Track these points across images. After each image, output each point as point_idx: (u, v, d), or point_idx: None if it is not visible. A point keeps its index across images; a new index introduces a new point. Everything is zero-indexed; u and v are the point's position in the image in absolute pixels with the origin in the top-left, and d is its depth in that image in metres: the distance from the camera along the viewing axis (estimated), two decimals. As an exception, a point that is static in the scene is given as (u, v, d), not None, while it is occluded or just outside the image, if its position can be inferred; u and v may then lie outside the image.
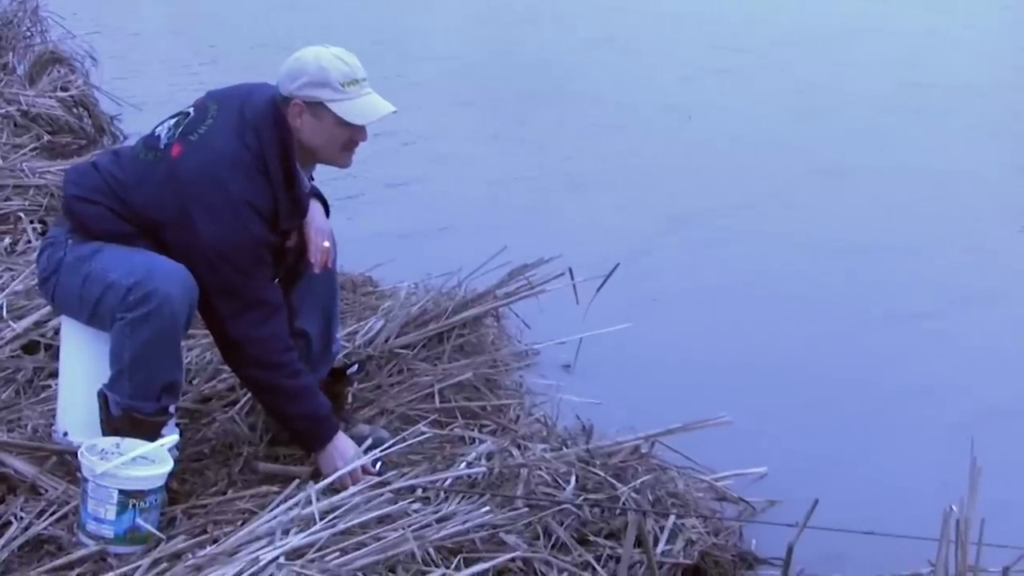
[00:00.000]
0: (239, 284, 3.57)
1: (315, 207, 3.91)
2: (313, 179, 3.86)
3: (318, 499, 3.37)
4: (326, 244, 3.89)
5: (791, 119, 11.00)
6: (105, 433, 3.59)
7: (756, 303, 6.37)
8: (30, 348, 4.55)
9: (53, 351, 4.36)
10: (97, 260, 3.58)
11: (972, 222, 8.06)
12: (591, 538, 3.59)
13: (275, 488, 3.64)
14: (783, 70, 13.46)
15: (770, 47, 15.03)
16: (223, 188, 3.50)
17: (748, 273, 6.80)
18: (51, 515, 3.47)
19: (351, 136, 3.64)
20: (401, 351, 4.71)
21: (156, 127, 3.69)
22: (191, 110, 3.67)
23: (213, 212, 3.50)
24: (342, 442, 3.77)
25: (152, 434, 3.55)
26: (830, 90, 12.39)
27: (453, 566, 3.29)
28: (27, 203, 6.17)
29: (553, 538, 3.52)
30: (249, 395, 4.13)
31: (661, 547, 3.63)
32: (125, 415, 3.58)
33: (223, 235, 3.50)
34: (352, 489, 3.49)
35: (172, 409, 3.70)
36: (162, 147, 3.60)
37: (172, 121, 3.67)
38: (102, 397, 3.61)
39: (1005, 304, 6.57)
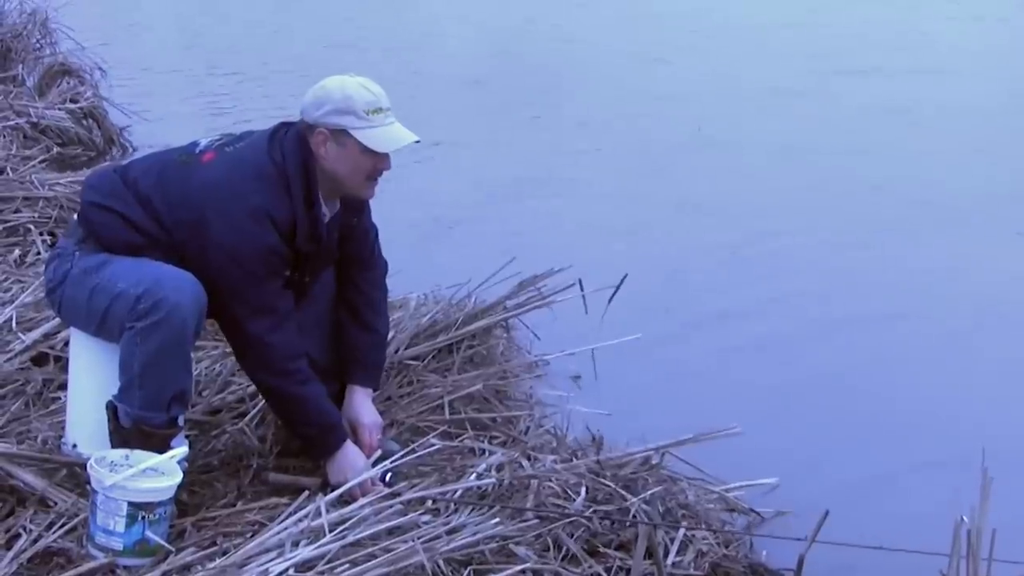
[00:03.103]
0: (250, 288, 3.59)
1: (362, 398, 3.98)
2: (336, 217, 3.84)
3: (328, 511, 3.37)
4: (379, 438, 3.95)
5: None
6: (114, 445, 3.59)
7: (766, 314, 6.35)
8: (39, 360, 4.55)
9: (62, 363, 4.36)
10: (105, 271, 3.60)
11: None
12: (601, 550, 3.58)
13: (284, 500, 3.63)
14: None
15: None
16: (244, 197, 3.54)
17: (758, 283, 6.77)
18: (60, 527, 3.47)
19: (375, 165, 3.66)
20: (411, 362, 4.70)
21: (200, 138, 3.78)
22: (239, 133, 3.79)
23: (231, 218, 3.53)
24: (352, 452, 3.78)
25: (161, 446, 3.55)
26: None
27: (463, 578, 3.29)
28: (36, 215, 6.19)
29: (563, 550, 3.51)
30: (259, 407, 4.14)
31: (671, 559, 3.62)
32: (135, 426, 3.57)
33: (238, 241, 3.53)
34: (362, 501, 3.48)
35: (181, 421, 3.70)
36: (197, 152, 3.69)
37: (217, 135, 3.79)
38: (111, 408, 3.61)
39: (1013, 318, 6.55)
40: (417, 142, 3.65)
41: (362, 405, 3.97)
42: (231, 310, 3.63)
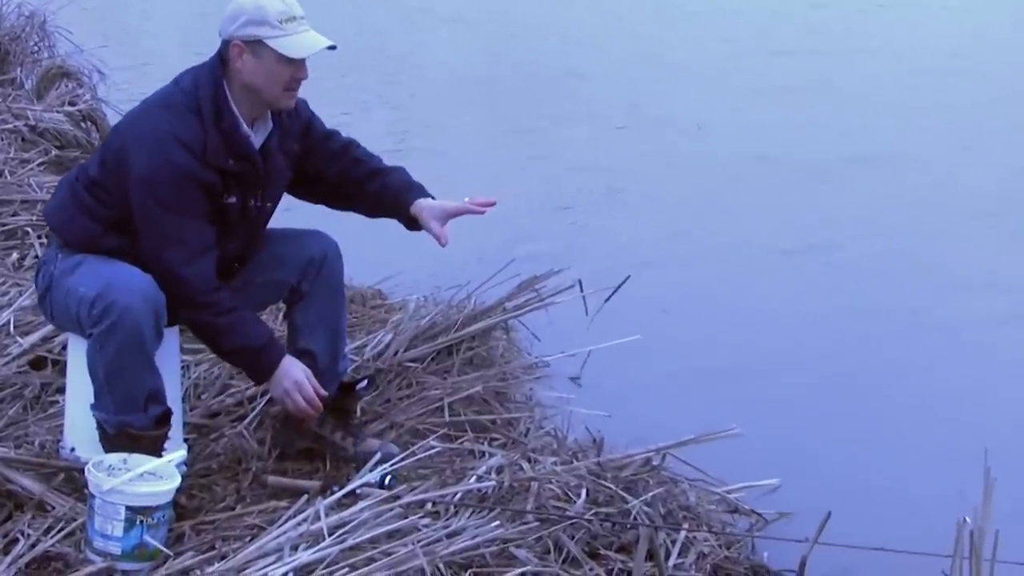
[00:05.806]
0: (160, 218, 3.58)
1: (429, 202, 4.09)
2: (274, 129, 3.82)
3: (327, 514, 3.36)
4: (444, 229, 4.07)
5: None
6: (107, 452, 3.56)
7: (767, 314, 6.34)
8: (37, 363, 4.54)
9: (60, 366, 4.35)
10: (74, 274, 3.62)
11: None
12: (602, 552, 3.57)
13: (284, 503, 3.62)
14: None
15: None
16: (150, 122, 3.61)
17: (759, 283, 6.76)
18: (58, 532, 3.46)
19: (292, 74, 3.67)
20: (410, 364, 4.70)
21: None
22: None
23: (141, 144, 3.58)
24: (288, 364, 3.76)
25: (153, 449, 3.53)
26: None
27: (463, 581, 3.28)
28: (34, 218, 6.16)
29: (564, 552, 3.50)
30: (257, 410, 4.13)
31: (673, 561, 3.61)
32: (119, 432, 3.57)
33: (150, 167, 3.55)
34: (361, 504, 3.46)
35: (174, 424, 3.67)
36: None
37: None
38: (96, 419, 3.60)
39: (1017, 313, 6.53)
40: (332, 47, 3.66)
41: (433, 204, 4.08)
42: (144, 241, 3.61)
